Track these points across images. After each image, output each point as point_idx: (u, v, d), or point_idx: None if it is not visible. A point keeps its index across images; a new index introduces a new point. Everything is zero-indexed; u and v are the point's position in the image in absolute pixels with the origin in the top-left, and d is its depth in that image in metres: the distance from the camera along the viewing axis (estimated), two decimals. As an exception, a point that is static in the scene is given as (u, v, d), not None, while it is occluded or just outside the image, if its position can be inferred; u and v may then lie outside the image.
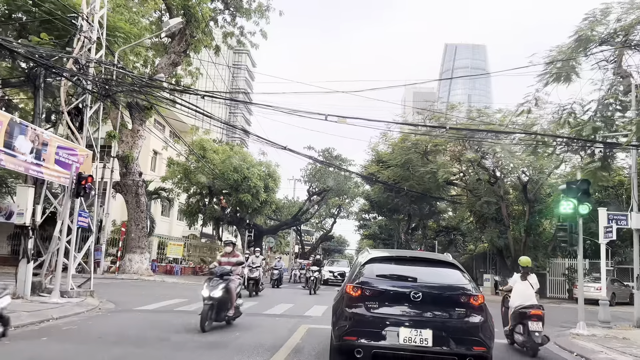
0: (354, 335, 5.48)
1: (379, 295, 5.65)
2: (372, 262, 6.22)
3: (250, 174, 28.66)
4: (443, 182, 25.70)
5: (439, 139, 23.95)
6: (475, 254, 33.26)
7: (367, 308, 5.57)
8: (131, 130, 25.48)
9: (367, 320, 5.50)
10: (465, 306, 5.59)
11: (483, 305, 5.71)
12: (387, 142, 30.60)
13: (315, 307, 13.60)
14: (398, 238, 55.48)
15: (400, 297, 5.60)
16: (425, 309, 5.52)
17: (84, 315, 9.51)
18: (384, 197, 30.98)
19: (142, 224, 25.27)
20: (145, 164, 35.42)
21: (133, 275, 24.27)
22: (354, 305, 5.63)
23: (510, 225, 26.34)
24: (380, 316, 5.52)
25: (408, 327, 5.37)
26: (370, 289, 5.70)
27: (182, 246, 30.32)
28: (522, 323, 8.68)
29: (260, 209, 30.75)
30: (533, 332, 8.33)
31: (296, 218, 38.45)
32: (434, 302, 5.59)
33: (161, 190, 30.12)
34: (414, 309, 5.52)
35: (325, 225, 57.43)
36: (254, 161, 29.84)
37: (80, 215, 11.76)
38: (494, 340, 5.72)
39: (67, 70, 11.98)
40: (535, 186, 24.87)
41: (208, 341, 7.53)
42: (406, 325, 5.39)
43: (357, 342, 5.43)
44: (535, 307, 8.72)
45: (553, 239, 26.87)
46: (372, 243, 73.28)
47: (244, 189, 28.80)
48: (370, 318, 5.51)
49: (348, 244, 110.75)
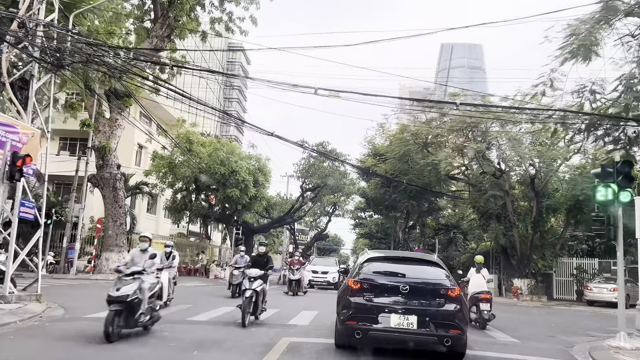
0: (354, 320, 6.73)
1: (374, 288, 6.94)
2: (370, 261, 7.59)
3: (239, 167, 26.85)
4: (445, 175, 23.94)
5: (441, 129, 22.21)
6: (477, 253, 31.54)
7: (365, 298, 6.84)
8: (109, 120, 23.62)
9: (364, 308, 6.74)
10: (443, 297, 6.77)
11: (459, 296, 6.85)
12: (384, 135, 28.86)
13: (304, 314, 11.80)
14: (395, 237, 53.74)
15: (391, 290, 6.86)
16: (412, 299, 6.75)
17: (10, 327, 7.65)
18: (381, 192, 29.19)
19: (121, 220, 23.39)
20: (130, 158, 33.53)
21: (109, 275, 22.42)
22: (354, 296, 6.88)
23: (515, 222, 24.63)
24: (376, 305, 6.75)
25: (398, 314, 6.60)
26: (368, 282, 6.99)
27: (162, 244, 28.45)
28: (475, 305, 11.27)
29: (250, 205, 28.93)
30: (482, 311, 11.05)
31: (289, 215, 36.63)
32: (419, 294, 6.82)
33: (143, 184, 28.22)
34: (402, 299, 6.75)
35: (320, 224, 55.59)
36: (242, 154, 28.01)
37: (23, 205, 9.91)
38: (468, 324, 7.08)
39: (9, 33, 10.12)
40: (543, 179, 23.14)
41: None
42: (396, 312, 6.61)
43: (356, 326, 6.69)
44: (484, 292, 11.38)
45: (561, 236, 25.21)
46: (368, 242, 71.49)
47: (231, 184, 26.98)
48: (367, 306, 6.75)
49: (343, 244, 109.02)
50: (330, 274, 24.99)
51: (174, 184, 29.55)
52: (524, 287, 24.38)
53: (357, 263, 8.03)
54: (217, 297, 15.66)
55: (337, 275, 24.67)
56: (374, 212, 51.04)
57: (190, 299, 14.45)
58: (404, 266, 7.39)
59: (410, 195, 28.69)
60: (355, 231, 62.76)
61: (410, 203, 28.81)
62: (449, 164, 21.53)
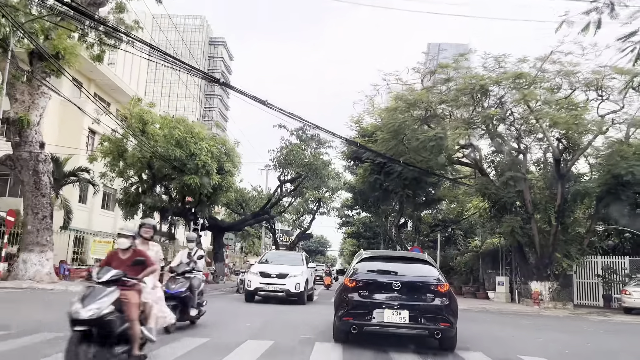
0: (350, 316, 7.32)
1: (368, 285, 7.50)
2: (364, 261, 8.16)
3: (198, 149, 22.13)
4: (450, 155, 19.52)
5: (445, 95, 17.76)
6: (482, 252, 27.18)
7: (360, 295, 7.40)
8: (29, 86, 18.76)
9: (360, 305, 7.31)
10: (433, 292, 7.31)
11: (447, 292, 7.36)
12: (373, 113, 24.36)
13: (248, 346, 7.12)
14: (385, 236, 49.32)
15: (384, 287, 7.42)
16: (404, 295, 7.25)
17: None
18: (371, 181, 24.64)
19: (44, 213, 18.55)
20: (78, 144, 28.69)
21: (27, 281, 17.58)
22: (350, 293, 7.46)
23: (534, 213, 20.27)
24: (370, 301, 7.31)
25: (390, 309, 7.12)
26: (362, 280, 7.56)
27: (111, 243, 23.57)
28: None
29: (214, 196, 24.18)
30: None
31: (265, 211, 31.89)
32: (410, 290, 7.33)
33: (82, 171, 23.33)
34: (395, 296, 7.27)
35: (303, 222, 50.88)
36: (204, 134, 23.26)
37: None
38: (457, 318, 7.31)
39: None
40: (570, 159, 18.83)
41: None
42: (389, 308, 7.13)
43: (352, 321, 7.31)
44: None
45: (589, 230, 20.84)
46: (356, 243, 67.12)
47: (190, 170, 22.23)
48: (363, 303, 7.31)
49: (330, 245, 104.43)
50: (291, 278, 15.35)
51: (123, 172, 24.67)
52: (545, 292, 20.00)
53: (353, 263, 8.49)
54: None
55: (305, 281, 15.62)
56: (362, 210, 46.79)
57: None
58: (396, 265, 7.97)
59: (405, 184, 24.18)
60: (342, 231, 58.29)
61: (405, 193, 24.32)
62: (459, 135, 16.98)
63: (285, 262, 16.73)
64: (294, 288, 15.23)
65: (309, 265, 16.96)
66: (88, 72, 31.25)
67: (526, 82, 16.36)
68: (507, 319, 15.32)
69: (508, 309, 18.61)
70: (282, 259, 17.53)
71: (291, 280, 15.27)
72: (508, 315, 16.81)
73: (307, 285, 15.94)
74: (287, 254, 21.28)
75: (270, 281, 15.25)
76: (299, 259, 17.38)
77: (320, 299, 19.81)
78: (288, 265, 16.15)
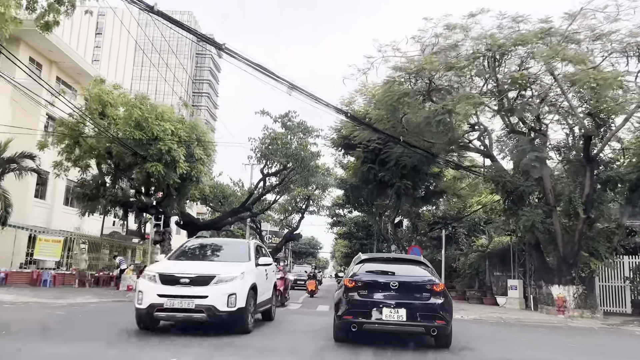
0: (350, 315, 7.59)
1: (367, 285, 7.77)
2: (363, 262, 8.53)
3: (161, 131, 18.89)
4: (457, 137, 16.43)
5: (457, 62, 14.64)
6: (490, 252, 24.11)
7: (359, 295, 7.67)
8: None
9: (359, 304, 7.58)
10: (429, 292, 7.62)
11: (442, 291, 7.71)
12: (367, 93, 21.26)
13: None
14: (379, 235, 46.22)
15: (382, 287, 7.74)
16: (401, 294, 7.57)
17: None
18: (364, 171, 21.54)
19: (-33, 205, 15.25)
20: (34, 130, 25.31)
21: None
22: (350, 293, 7.72)
23: (555, 205, 17.24)
24: (369, 300, 7.59)
25: (388, 308, 7.43)
26: (362, 281, 7.82)
27: (60, 243, 20.27)
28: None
29: (183, 188, 20.92)
30: None
31: (245, 207, 28.62)
32: (407, 290, 7.65)
33: (27, 157, 19.97)
34: (392, 295, 7.58)
35: (292, 221, 47.64)
36: (170, 115, 20.01)
37: None
38: (452, 316, 7.77)
39: None
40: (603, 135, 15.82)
41: None
42: (387, 307, 7.44)
43: (352, 320, 7.55)
44: None
45: (620, 225, 17.78)
46: (348, 244, 63.94)
47: (153, 156, 18.98)
48: (361, 302, 7.59)
49: (321, 246, 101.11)
50: (219, 285, 8.37)
51: (79, 161, 21.34)
52: (569, 298, 16.96)
53: (352, 264, 8.85)
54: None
55: (249, 290, 8.81)
56: (354, 208, 43.73)
57: None
58: (393, 266, 8.38)
59: (403, 174, 21.12)
60: (333, 231, 55.11)
61: (404, 184, 21.20)
62: (473, 106, 13.85)
63: (215, 256, 10.09)
64: (223, 303, 8.19)
65: (261, 262, 10.01)
66: (47, 53, 27.87)
67: (556, 40, 13.30)
68: (537, 334, 12.21)
69: (528, 319, 15.51)
70: (209, 251, 10.33)
71: (219, 290, 8.26)
72: (533, 327, 13.71)
73: (254, 297, 9.17)
74: (222, 242, 12.27)
75: (179, 291, 8.17)
76: (243, 250, 9.99)
77: (296, 315, 13.79)
78: (217, 262, 9.57)
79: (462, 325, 11.59)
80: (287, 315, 13.41)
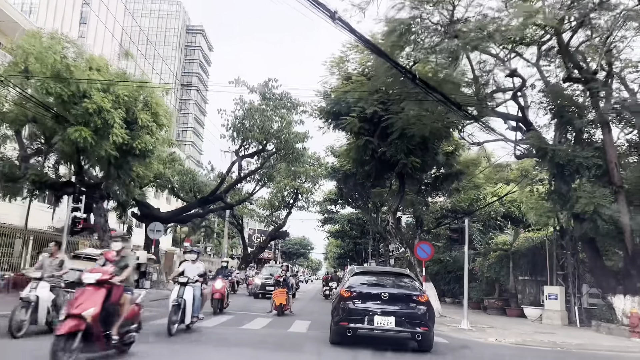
0: (345, 321, 8.46)
1: (361, 295, 8.68)
2: (357, 275, 9.56)
3: (89, 85, 14.05)
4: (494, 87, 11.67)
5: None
6: (515, 251, 19.36)
7: (354, 303, 8.56)
8: None
9: (353, 311, 8.47)
10: (415, 302, 8.55)
11: (427, 302, 8.61)
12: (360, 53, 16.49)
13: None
14: (374, 234, 41.48)
15: (374, 297, 8.63)
16: (390, 304, 8.49)
17: None
18: (360, 145, 16.68)
19: None
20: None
21: None
22: (345, 301, 8.63)
23: (622, 184, 12.59)
24: (362, 309, 8.48)
25: (380, 316, 8.33)
26: (356, 291, 8.76)
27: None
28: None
29: (125, 164, 16.01)
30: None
31: (217, 196, 23.74)
32: (396, 300, 8.56)
33: None
34: (383, 304, 8.49)
35: (280, 218, 42.73)
36: (101, 64, 15.15)
37: None
38: (434, 323, 8.77)
39: None
40: None
41: None
42: (378, 314, 8.34)
43: (347, 325, 8.43)
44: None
45: None
46: (340, 243, 59.15)
47: (77, 117, 14.14)
48: (356, 310, 8.48)
49: (313, 247, 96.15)
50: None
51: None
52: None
53: (346, 276, 10.15)
54: None
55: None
56: (347, 203, 39.06)
57: None
58: (383, 278, 9.71)
59: (410, 148, 16.37)
60: (324, 229, 50.23)
61: (410, 162, 16.41)
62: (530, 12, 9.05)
63: None
64: None
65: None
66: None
67: None
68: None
69: (595, 346, 10.77)
70: None
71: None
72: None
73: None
74: None
75: None
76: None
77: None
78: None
79: (510, 356, 9.48)
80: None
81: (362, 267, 10.99)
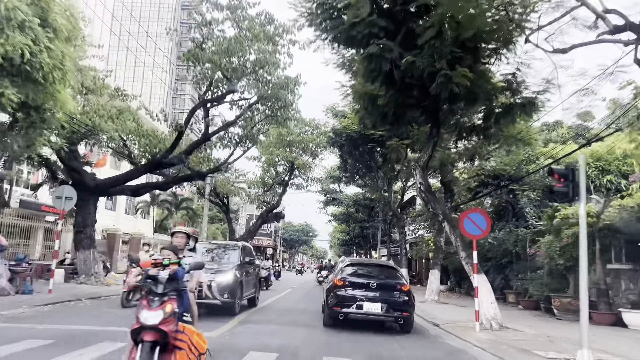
0: (338, 306, 9.97)
1: (352, 284, 10.23)
2: (349, 266, 11.24)
3: None
4: None
5: None
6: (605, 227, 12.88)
7: (345, 291, 10.10)
8: None
9: (345, 298, 9.97)
10: (398, 291, 10.14)
11: (408, 291, 10.20)
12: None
13: None
14: (385, 215, 35.12)
15: (364, 285, 10.19)
16: (378, 292, 10.01)
17: None
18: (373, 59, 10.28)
19: None
20: None
21: None
22: (338, 289, 10.16)
23: None
24: (353, 295, 9.97)
25: (368, 302, 9.83)
26: (348, 280, 10.32)
27: None
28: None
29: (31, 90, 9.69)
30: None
31: (174, 159, 17.38)
32: (382, 288, 10.09)
33: None
34: (372, 292, 10.01)
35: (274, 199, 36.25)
36: None
37: None
38: (414, 309, 10.41)
39: None
40: None
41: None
42: (367, 301, 9.83)
43: (340, 310, 9.92)
44: None
45: None
46: (345, 228, 52.86)
47: None
48: (348, 296, 9.98)
49: (316, 233, 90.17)
50: None
51: None
52: None
53: (339, 267, 11.53)
54: None
55: None
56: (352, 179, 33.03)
57: None
58: (372, 269, 11.43)
59: (455, 56, 9.95)
60: (326, 211, 43.95)
61: (460, 76, 9.93)
62: None
63: None
64: None
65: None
66: None
67: None
68: None
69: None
70: None
71: None
72: None
73: None
74: None
75: None
76: None
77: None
78: None
79: None
80: None
81: (353, 258, 14.22)
